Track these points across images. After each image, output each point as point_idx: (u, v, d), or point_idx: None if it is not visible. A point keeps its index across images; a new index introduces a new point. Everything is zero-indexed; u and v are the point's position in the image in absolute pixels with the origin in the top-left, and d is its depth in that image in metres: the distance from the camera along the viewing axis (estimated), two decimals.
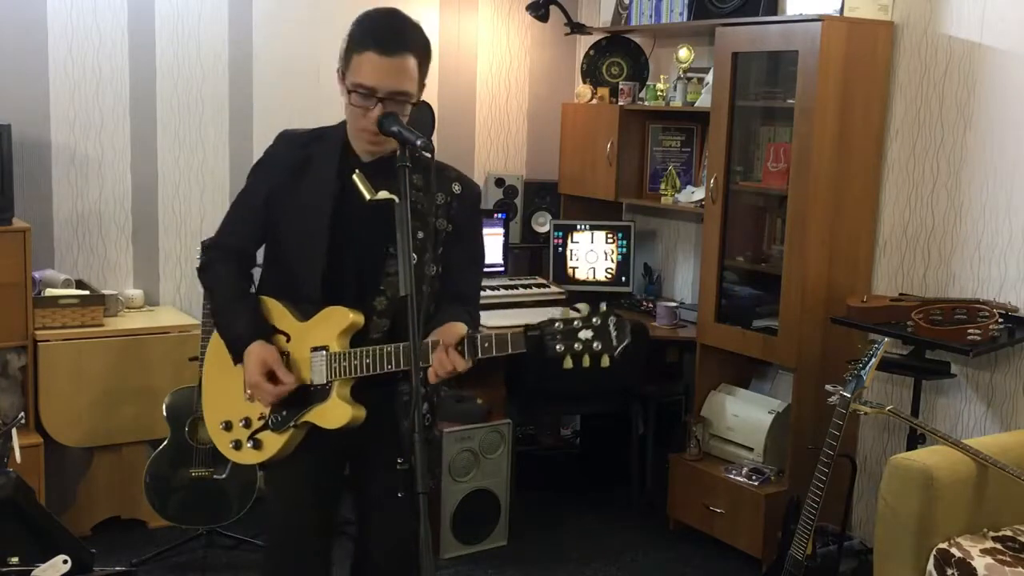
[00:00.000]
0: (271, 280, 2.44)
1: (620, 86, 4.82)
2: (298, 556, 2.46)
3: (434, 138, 4.62)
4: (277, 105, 4.56)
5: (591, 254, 4.96)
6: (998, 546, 2.93)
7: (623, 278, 4.91)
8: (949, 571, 2.87)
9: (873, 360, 3.20)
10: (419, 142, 2.10)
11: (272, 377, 2.30)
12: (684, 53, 4.59)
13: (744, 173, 4.21)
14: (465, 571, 3.95)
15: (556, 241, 4.95)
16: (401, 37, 2.23)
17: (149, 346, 3.98)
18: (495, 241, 4.92)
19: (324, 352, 2.29)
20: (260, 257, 2.50)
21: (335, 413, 2.30)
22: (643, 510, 4.49)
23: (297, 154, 2.36)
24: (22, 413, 3.41)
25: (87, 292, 4.01)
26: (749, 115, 4.20)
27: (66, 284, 4.01)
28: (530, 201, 5.14)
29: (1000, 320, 3.42)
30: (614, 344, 1.98)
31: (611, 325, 1.99)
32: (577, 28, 4.92)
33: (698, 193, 4.50)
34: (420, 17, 5.49)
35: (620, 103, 4.78)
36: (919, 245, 3.88)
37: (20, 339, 3.81)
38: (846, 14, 3.80)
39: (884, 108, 3.93)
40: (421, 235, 2.30)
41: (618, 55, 5.04)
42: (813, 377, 3.85)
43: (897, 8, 3.89)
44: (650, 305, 4.74)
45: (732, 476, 4.05)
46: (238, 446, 2.41)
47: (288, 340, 2.36)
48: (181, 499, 3.78)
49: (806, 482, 3.34)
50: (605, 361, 2.00)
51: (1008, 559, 2.85)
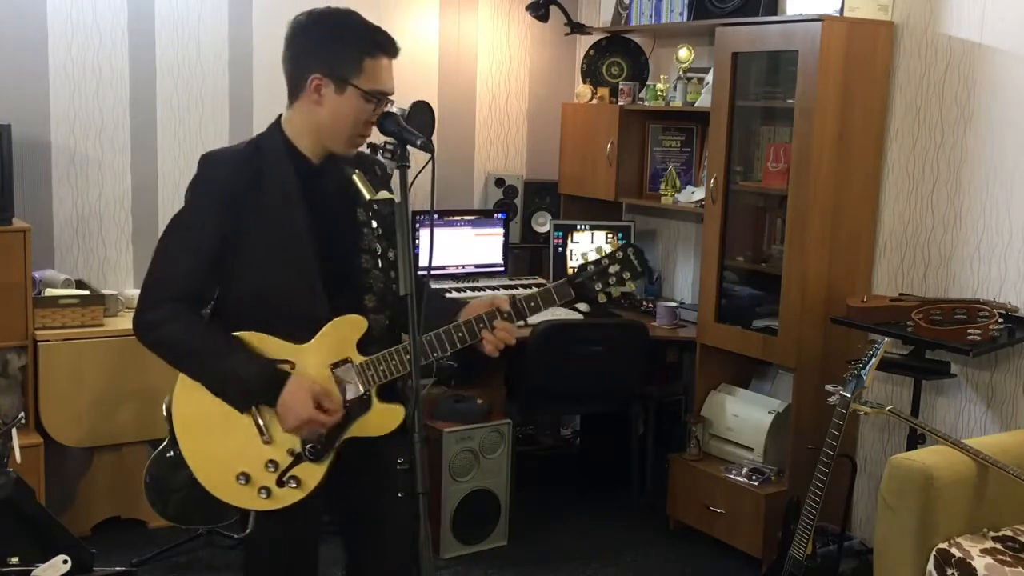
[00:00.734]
0: (237, 315, 2.25)
1: (620, 86, 4.83)
2: None
3: (434, 138, 4.63)
4: (277, 105, 4.53)
5: (591, 254, 4.95)
6: (998, 546, 2.93)
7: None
8: (949, 571, 2.87)
9: (873, 360, 3.20)
10: (419, 142, 2.11)
11: (318, 407, 2.19)
12: (684, 53, 4.59)
13: (744, 173, 4.21)
14: (465, 571, 3.95)
15: (556, 241, 4.95)
16: (396, 42, 2.26)
17: None
18: (495, 241, 4.92)
19: (350, 364, 2.24)
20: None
21: (385, 418, 2.25)
22: (643, 510, 4.48)
23: (244, 174, 2.21)
24: (22, 413, 3.41)
25: (87, 292, 4.01)
26: (749, 115, 4.20)
27: (66, 284, 4.02)
28: (530, 201, 5.14)
29: (1000, 320, 3.42)
30: (639, 270, 2.31)
31: (632, 256, 2.32)
32: (577, 28, 4.92)
33: (698, 193, 4.50)
34: (420, 17, 5.49)
35: (620, 103, 4.78)
36: (919, 245, 3.88)
37: (20, 339, 3.81)
38: (846, 14, 3.80)
39: (884, 108, 3.93)
40: (375, 224, 2.32)
41: (618, 55, 5.04)
42: (813, 377, 3.85)
43: (897, 8, 3.89)
44: (650, 305, 4.73)
45: (732, 476, 4.05)
46: (268, 493, 2.25)
47: (293, 367, 2.22)
48: (181, 499, 3.77)
49: (806, 482, 3.34)
50: (631, 287, 2.34)
51: (1008, 559, 2.85)
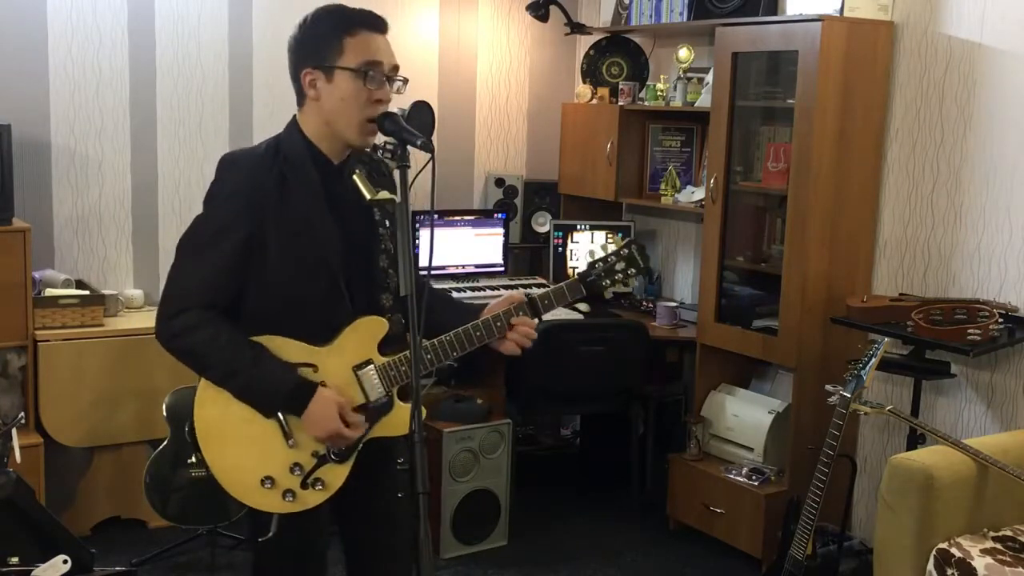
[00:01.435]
0: (260, 318, 2.22)
1: (620, 86, 4.82)
2: None
3: (434, 138, 4.62)
4: (277, 105, 4.56)
5: (591, 254, 4.95)
6: (998, 546, 2.93)
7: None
8: (949, 571, 2.87)
9: (873, 360, 3.20)
10: (419, 142, 2.10)
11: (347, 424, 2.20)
12: (684, 53, 4.59)
13: (744, 173, 4.21)
14: (465, 571, 3.95)
15: (556, 241, 4.95)
16: (383, 20, 2.23)
17: (149, 346, 3.91)
18: (495, 241, 4.92)
19: (372, 366, 2.24)
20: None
21: (407, 417, 2.23)
22: (643, 510, 4.48)
23: (269, 175, 2.19)
24: (22, 413, 3.41)
25: (87, 292, 4.01)
26: (749, 115, 4.20)
27: (66, 284, 4.02)
28: (530, 201, 5.14)
29: (1000, 320, 3.42)
30: (643, 265, 2.44)
31: (635, 252, 2.43)
32: (577, 28, 4.91)
33: (698, 193, 4.50)
34: (420, 17, 5.49)
35: (620, 103, 4.78)
36: (919, 245, 3.88)
37: (20, 339, 3.81)
38: (846, 14, 3.80)
39: (884, 108, 3.93)
40: (388, 224, 2.33)
41: (618, 55, 5.04)
42: (813, 377, 3.85)
43: (897, 8, 3.89)
44: (650, 305, 4.73)
45: (732, 476, 4.05)
46: (294, 496, 2.24)
47: (316, 370, 2.22)
48: (181, 499, 3.78)
49: (806, 482, 3.34)
50: (633, 283, 2.52)
51: (1008, 559, 2.85)
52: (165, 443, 3.79)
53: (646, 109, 4.74)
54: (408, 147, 2.12)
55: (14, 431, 3.00)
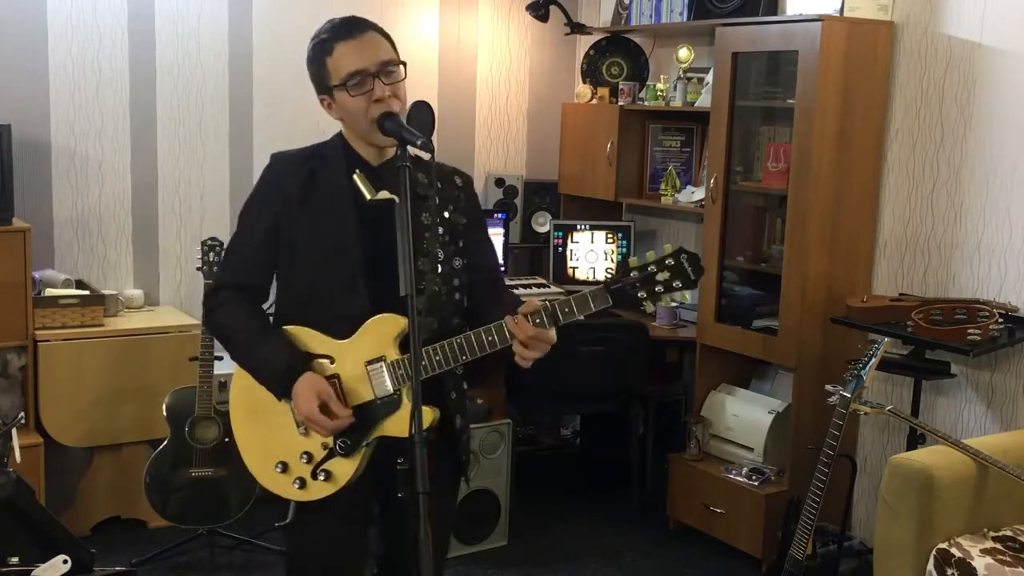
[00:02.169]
0: (291, 308, 2.33)
1: (620, 86, 4.83)
2: None
3: (434, 138, 4.62)
4: (277, 105, 4.56)
5: (591, 254, 4.96)
6: (998, 546, 2.93)
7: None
8: (949, 571, 2.87)
9: (873, 360, 3.20)
10: (419, 142, 2.11)
11: (324, 409, 2.22)
12: (684, 53, 4.59)
13: (744, 173, 4.21)
14: (465, 571, 3.95)
15: (556, 241, 4.95)
16: (357, 21, 2.28)
17: (149, 346, 3.98)
18: (495, 241, 4.91)
19: (383, 362, 2.24)
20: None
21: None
22: (643, 510, 4.48)
23: (299, 172, 2.30)
24: (22, 413, 3.41)
25: (87, 292, 4.01)
26: (749, 115, 4.20)
27: (66, 284, 4.02)
28: (530, 201, 5.14)
29: (1000, 320, 3.42)
30: (693, 278, 2.08)
31: (685, 262, 2.08)
32: (577, 28, 4.92)
33: (698, 193, 4.50)
34: (420, 17, 5.50)
35: (620, 103, 4.78)
36: (919, 245, 3.88)
37: (20, 339, 3.81)
38: (846, 14, 3.80)
39: (884, 108, 3.93)
40: (441, 230, 2.33)
41: (618, 55, 5.04)
42: (813, 377, 3.85)
43: (897, 8, 3.89)
44: (687, 298, 4.72)
45: (732, 476, 4.05)
46: (303, 484, 2.28)
47: (333, 362, 2.27)
48: (181, 499, 3.78)
49: (806, 482, 3.34)
50: (685, 297, 2.12)
51: (1008, 559, 2.85)
52: (165, 443, 3.79)
53: (646, 109, 4.74)
54: (408, 147, 2.14)
55: (14, 431, 3.00)
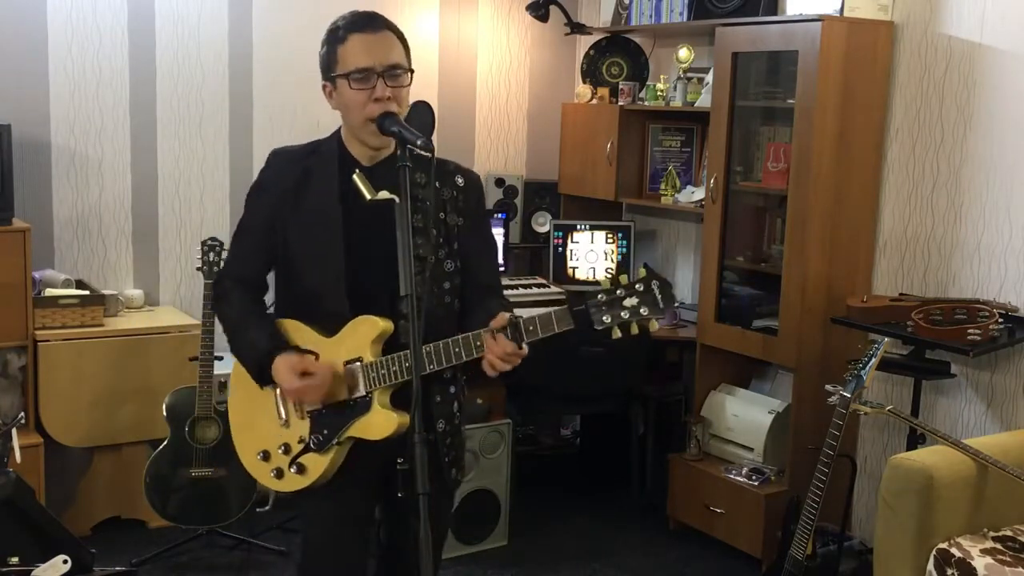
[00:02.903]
0: (287, 303, 2.39)
1: (620, 86, 4.82)
2: None
3: (434, 138, 4.62)
4: (277, 105, 4.56)
5: (591, 254, 4.96)
6: (998, 546, 2.93)
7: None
8: (949, 571, 2.87)
9: (873, 360, 3.20)
10: (419, 142, 2.11)
11: (307, 376, 2.25)
12: (684, 53, 4.59)
13: (744, 173, 4.21)
14: (465, 571, 3.95)
15: (556, 241, 4.95)
16: (375, 17, 2.29)
17: (149, 346, 3.98)
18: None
19: (359, 363, 2.26)
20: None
21: (379, 423, 2.25)
22: (643, 510, 4.49)
23: (294, 170, 2.33)
24: (22, 413, 3.41)
25: (87, 292, 4.01)
26: (749, 115, 4.20)
27: (66, 284, 4.01)
28: (530, 201, 5.14)
29: (1000, 320, 3.42)
30: (661, 307, 2.01)
31: (655, 289, 2.02)
32: (577, 28, 4.91)
33: (698, 193, 4.50)
34: (420, 17, 5.49)
35: (620, 103, 4.78)
36: (919, 245, 3.88)
37: (20, 339, 3.81)
38: (846, 14, 3.80)
39: (884, 108, 3.93)
40: (435, 232, 2.31)
41: (618, 55, 5.04)
42: (813, 377, 3.85)
43: (897, 8, 3.89)
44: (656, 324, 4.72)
45: (732, 476, 4.05)
46: (280, 474, 2.35)
47: (317, 359, 2.29)
48: (181, 499, 3.79)
49: (806, 482, 3.34)
50: (654, 326, 2.02)
51: (1008, 559, 2.85)
52: (165, 443, 3.80)
53: (646, 109, 4.74)
54: (408, 147, 2.13)
55: (14, 431, 3.00)
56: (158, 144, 4.38)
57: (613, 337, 2.02)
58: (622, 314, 2.01)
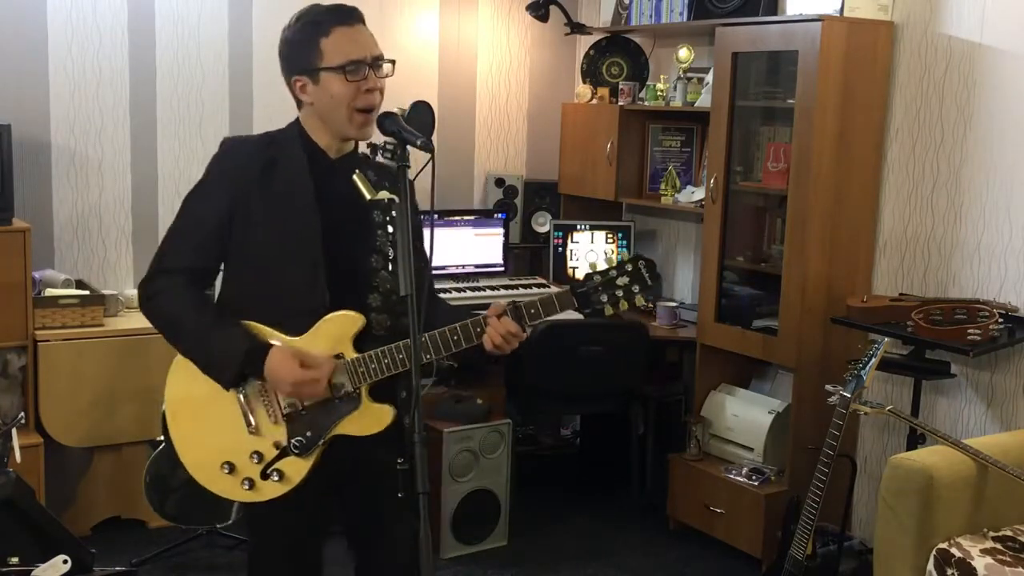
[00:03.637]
0: (236, 304, 2.27)
1: (620, 86, 4.82)
2: None
3: (434, 138, 4.63)
4: (277, 105, 4.54)
5: (591, 254, 4.96)
6: (998, 546, 2.93)
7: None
8: (949, 571, 2.87)
9: (873, 360, 3.20)
10: (419, 142, 2.11)
11: (307, 369, 2.18)
12: (684, 53, 4.59)
13: (744, 173, 4.21)
14: (465, 571, 3.95)
15: (556, 241, 4.95)
16: (354, 10, 2.28)
17: (149, 346, 3.97)
18: (495, 241, 4.92)
19: (342, 360, 2.22)
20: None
21: (374, 417, 2.23)
22: (643, 510, 4.48)
23: (258, 159, 2.25)
24: (22, 413, 3.41)
25: (87, 292, 4.01)
26: (749, 115, 4.20)
27: (66, 284, 4.01)
28: (530, 201, 5.14)
29: (1000, 320, 3.42)
30: (650, 284, 2.23)
31: (642, 268, 2.23)
32: (577, 28, 4.91)
33: (698, 193, 4.50)
34: (420, 17, 5.48)
35: (620, 103, 4.78)
36: (919, 245, 3.88)
37: (20, 339, 3.80)
38: (846, 14, 3.80)
39: (884, 108, 3.93)
40: (391, 228, 2.31)
41: (618, 55, 5.04)
42: (813, 377, 3.85)
43: (897, 8, 3.89)
44: (650, 305, 4.73)
45: (732, 476, 4.05)
46: (252, 484, 2.25)
47: None
48: (181, 499, 3.78)
49: (806, 482, 3.34)
50: (640, 301, 2.24)
51: (1008, 559, 2.85)
52: (165, 443, 3.79)
53: (646, 109, 4.74)
54: (408, 147, 2.13)
55: (14, 431, 3.01)
56: (158, 144, 4.38)
57: (606, 314, 2.23)
58: (616, 292, 2.22)
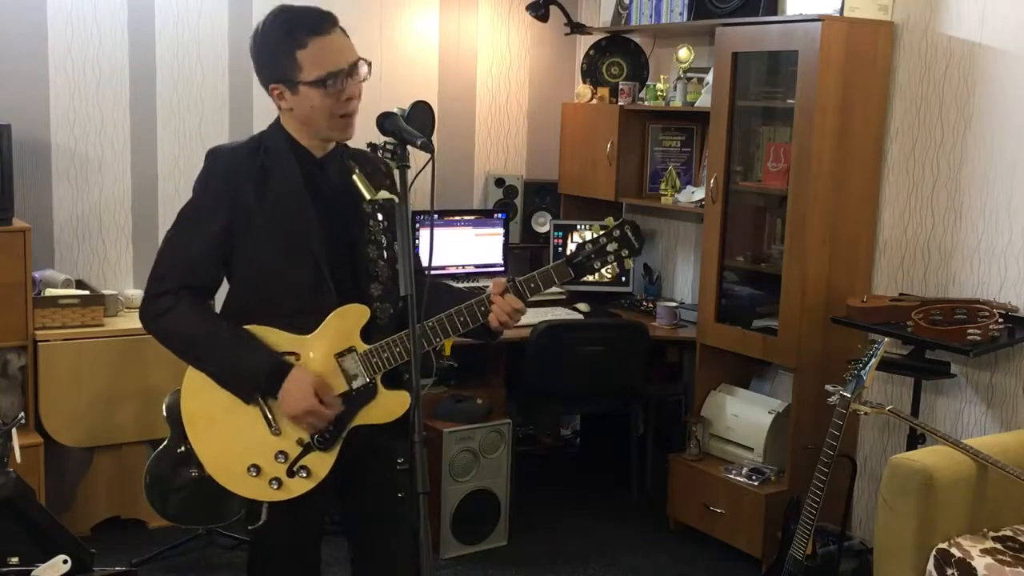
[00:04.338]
0: (241, 309, 2.29)
1: (620, 86, 4.82)
2: None
3: (434, 138, 4.63)
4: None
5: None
6: (998, 546, 2.93)
7: (623, 278, 4.91)
8: (949, 571, 2.87)
9: (873, 360, 3.20)
10: (419, 142, 2.11)
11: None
12: (684, 53, 4.59)
13: (744, 173, 4.21)
14: (465, 571, 3.95)
15: (556, 241, 4.94)
16: (326, 15, 2.25)
17: (149, 346, 3.91)
18: (495, 241, 4.92)
19: (354, 353, 2.25)
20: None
21: (393, 403, 2.27)
22: (643, 510, 4.49)
23: (250, 169, 2.27)
24: (22, 413, 3.41)
25: (87, 292, 4.01)
26: (749, 115, 4.20)
27: (66, 284, 4.01)
28: (530, 201, 5.14)
29: (1000, 320, 3.42)
30: (636, 246, 2.36)
31: (628, 232, 2.36)
32: (577, 28, 4.91)
33: (698, 193, 4.50)
34: (420, 17, 5.48)
35: (620, 103, 4.78)
36: (919, 245, 3.88)
37: (20, 339, 3.80)
38: (846, 14, 3.80)
39: (884, 108, 3.93)
40: (380, 217, 2.34)
41: (618, 55, 5.04)
42: (813, 377, 3.85)
43: (897, 8, 3.89)
44: (650, 305, 4.73)
45: (732, 476, 4.05)
46: (280, 484, 2.26)
47: (298, 359, 2.25)
48: (181, 499, 3.78)
49: (806, 482, 3.34)
50: (629, 264, 2.40)
51: (1008, 559, 2.85)
52: (165, 443, 3.79)
53: (646, 109, 4.74)
54: (408, 147, 2.14)
55: (14, 431, 3.00)
56: (158, 144, 4.38)
57: (597, 278, 2.29)
58: (608, 258, 2.37)
